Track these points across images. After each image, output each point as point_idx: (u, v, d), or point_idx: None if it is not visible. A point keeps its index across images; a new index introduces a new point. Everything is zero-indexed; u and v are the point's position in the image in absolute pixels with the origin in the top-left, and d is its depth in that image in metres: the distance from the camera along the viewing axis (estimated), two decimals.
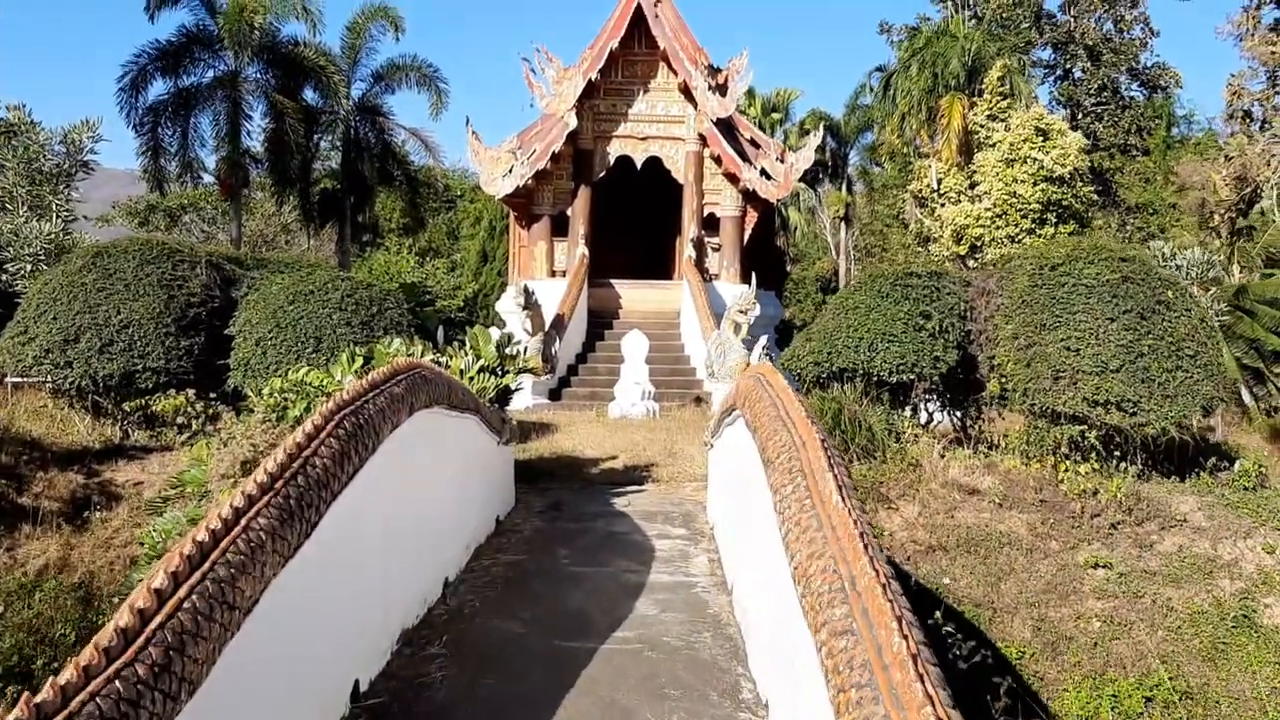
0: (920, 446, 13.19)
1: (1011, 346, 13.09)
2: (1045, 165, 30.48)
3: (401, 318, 14.38)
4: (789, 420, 5.33)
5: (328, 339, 13.62)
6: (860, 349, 13.39)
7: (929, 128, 34.17)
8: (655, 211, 28.53)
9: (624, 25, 25.02)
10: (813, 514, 4.22)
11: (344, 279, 14.66)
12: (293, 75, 30.32)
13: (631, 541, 9.87)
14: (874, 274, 14.58)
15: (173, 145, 28.73)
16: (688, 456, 14.46)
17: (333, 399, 5.61)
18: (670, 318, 25.17)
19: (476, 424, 9.18)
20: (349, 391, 5.83)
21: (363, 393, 5.95)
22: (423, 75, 32.65)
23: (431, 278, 43.61)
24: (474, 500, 9.29)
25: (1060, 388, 12.65)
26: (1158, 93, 43.49)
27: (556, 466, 13.85)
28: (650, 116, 26.02)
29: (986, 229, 31.25)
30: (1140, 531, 12.21)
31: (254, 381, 13.28)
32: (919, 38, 37.02)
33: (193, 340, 14.29)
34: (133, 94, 27.89)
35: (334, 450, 5.17)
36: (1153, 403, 12.50)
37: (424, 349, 11.01)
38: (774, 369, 6.59)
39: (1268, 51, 26.36)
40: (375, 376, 6.36)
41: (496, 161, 25.29)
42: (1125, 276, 12.94)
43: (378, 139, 33.33)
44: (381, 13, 31.78)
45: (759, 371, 6.90)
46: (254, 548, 4.13)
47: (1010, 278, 13.75)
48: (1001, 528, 12.16)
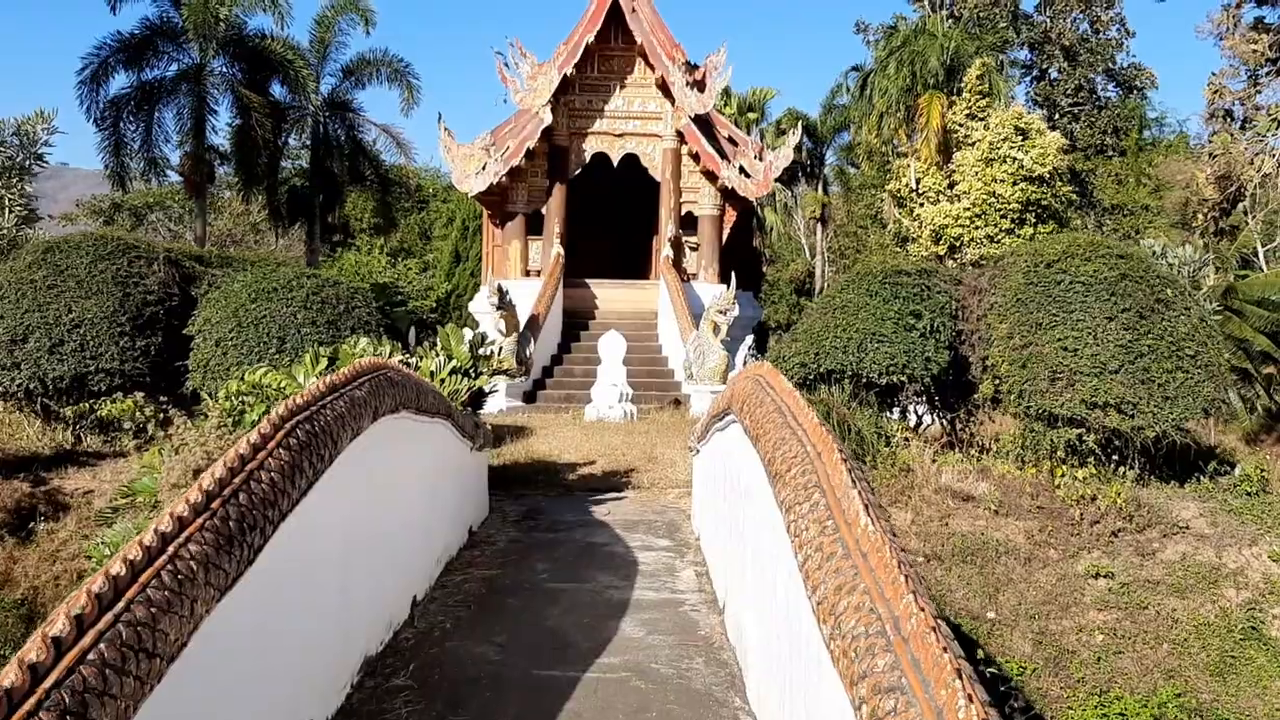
0: (911, 451, 12.66)
1: (1006, 346, 12.58)
2: (1025, 165, 30.09)
3: (370, 317, 13.73)
4: (799, 427, 4.76)
5: (292, 339, 12.96)
6: (849, 350, 12.85)
7: (907, 127, 33.76)
8: (632, 210, 27.94)
9: (600, 19, 24.42)
10: (836, 538, 3.64)
11: (309, 276, 14.00)
12: (260, 69, 29.49)
13: (613, 554, 9.29)
14: (862, 272, 14.05)
15: (135, 141, 27.90)
16: (668, 461, 13.88)
17: (285, 403, 5.00)
18: (648, 318, 24.60)
19: (447, 429, 8.57)
20: (304, 395, 5.21)
21: (320, 396, 5.34)
22: (394, 70, 31.93)
23: (403, 278, 42.87)
24: (445, 510, 8.68)
25: (1057, 389, 12.15)
26: (1134, 93, 43.31)
27: (532, 472, 13.25)
28: (627, 113, 25.44)
29: (965, 229, 30.83)
30: (1141, 539, 11.73)
31: (214, 383, 12.61)
32: (897, 36, 36.58)
33: (149, 340, 13.61)
34: (93, 87, 27.05)
35: (284, 462, 4.56)
36: (1153, 404, 12.02)
37: (393, 349, 10.38)
38: (775, 370, 6.02)
39: (1249, 50, 26.08)
40: (335, 378, 5.75)
41: (469, 158, 24.64)
42: (1123, 274, 12.46)
43: (348, 136, 32.56)
44: (351, 5, 31.01)
45: (758, 373, 6.33)
46: (183, 580, 3.51)
47: (1004, 275, 13.25)
48: (998, 536, 11.65)
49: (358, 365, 6.34)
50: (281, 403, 5.04)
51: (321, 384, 5.54)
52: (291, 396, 5.16)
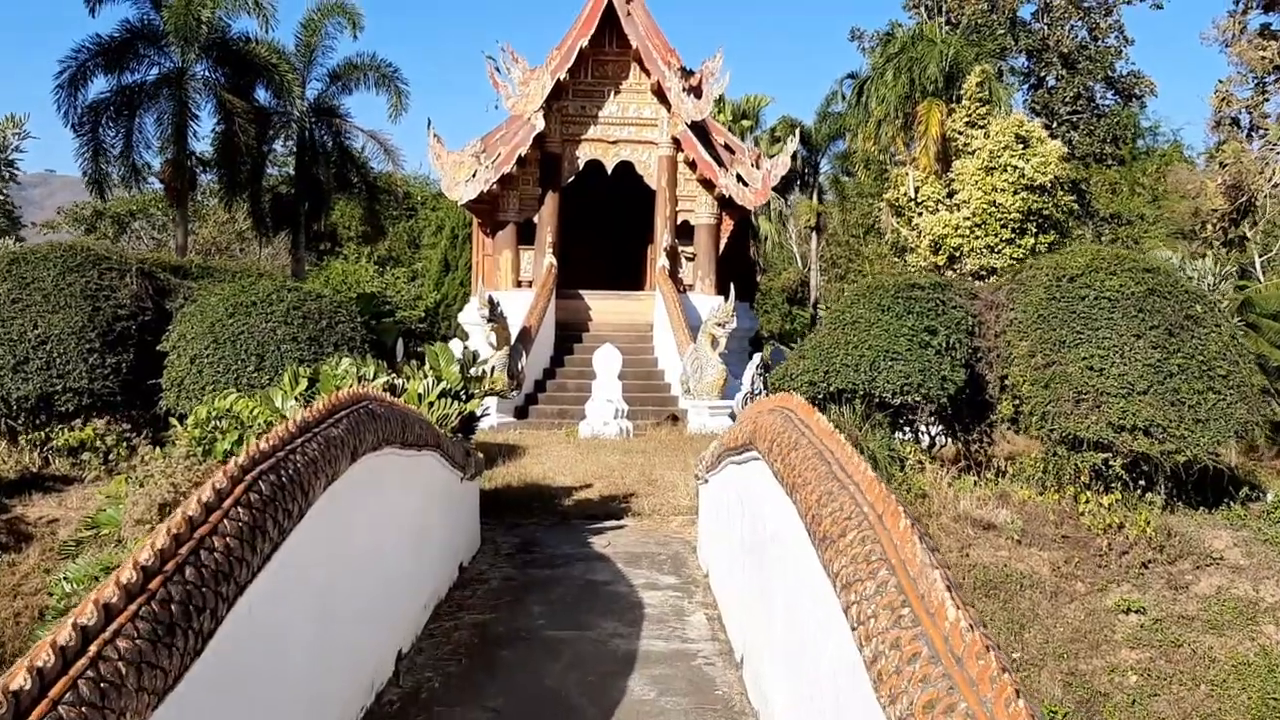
0: (927, 475, 11.98)
1: (1027, 365, 11.92)
2: (1026, 173, 29.49)
3: (354, 332, 13.00)
4: (849, 480, 4.06)
5: (271, 356, 12.23)
6: (861, 368, 12.16)
7: (905, 135, 33.17)
8: (626, 219, 27.22)
9: (594, 23, 23.73)
10: (918, 633, 2.95)
11: (290, 289, 13.27)
12: (244, 74, 28.68)
13: (615, 594, 8.58)
14: (873, 285, 13.37)
15: (116, 147, 27.05)
16: (669, 484, 13.17)
17: (246, 450, 4.29)
18: (643, 330, 23.89)
19: (436, 461, 7.86)
20: (270, 438, 4.50)
21: (288, 440, 4.63)
22: (382, 75, 31.14)
23: (391, 287, 42.06)
24: (433, 549, 7.96)
25: (1083, 411, 11.49)
26: (1133, 101, 42.78)
27: (526, 497, 12.52)
28: (621, 119, 24.74)
29: (965, 239, 30.21)
30: (1173, 571, 11.07)
31: (189, 403, 11.85)
32: (894, 43, 35.99)
33: (120, 357, 12.86)
34: (71, 92, 26.19)
35: (243, 524, 3.85)
36: (1184, 428, 11.37)
37: (377, 369, 9.65)
38: (808, 405, 5.32)
39: (1257, 56, 25.55)
40: (309, 416, 5.04)
41: (459, 165, 23.92)
42: (1151, 289, 11.82)
43: (334, 142, 31.77)
44: (338, 9, 30.24)
45: (785, 405, 5.63)
46: (107, 690, 2.80)
47: (1023, 290, 12.58)
48: (1021, 567, 10.98)
49: (336, 398, 5.64)
50: (243, 449, 4.33)
51: (292, 424, 4.83)
52: (254, 442, 4.46)
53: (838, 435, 4.63)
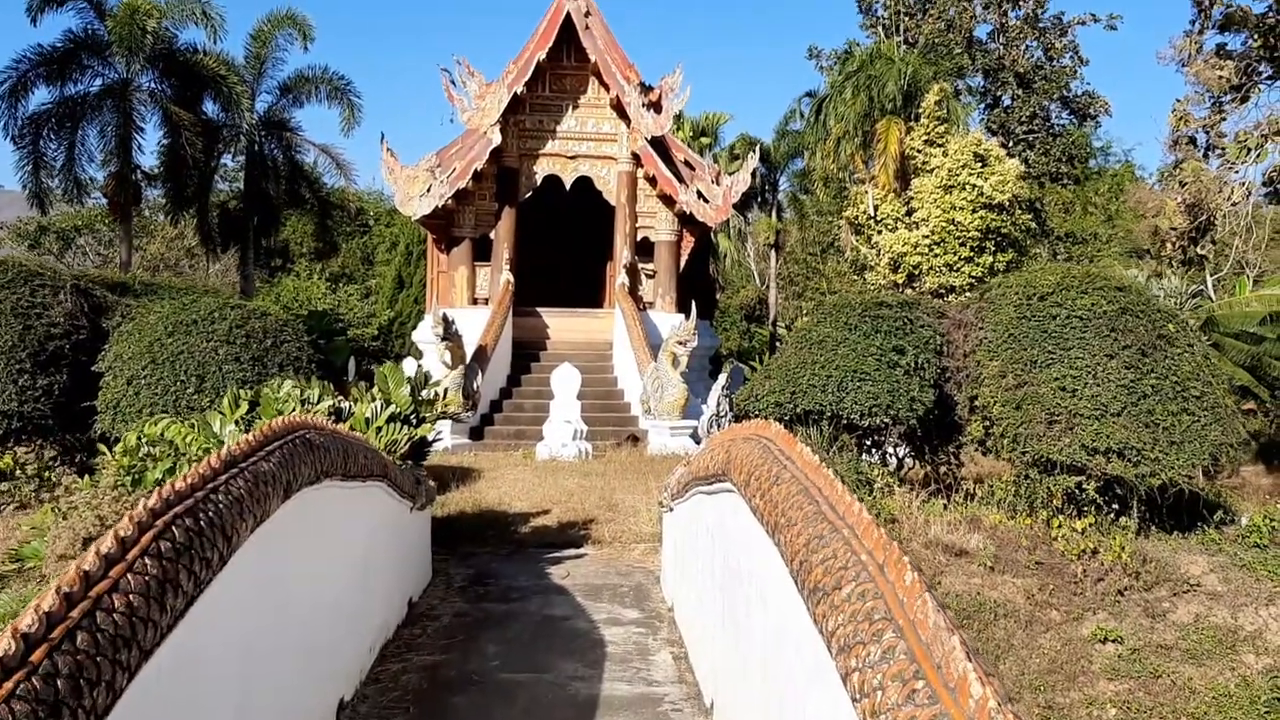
0: (897, 499, 11.60)
1: (998, 386, 11.58)
2: (984, 192, 29.40)
3: (301, 352, 12.43)
4: (842, 523, 3.63)
5: (212, 377, 11.64)
6: (828, 388, 11.77)
7: (864, 153, 33.04)
8: (585, 235, 26.79)
9: (552, 36, 23.33)
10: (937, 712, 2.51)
11: (234, 307, 12.67)
12: (191, 85, 27.92)
13: (574, 630, 8.09)
14: (840, 304, 13.00)
15: (57, 160, 26.19)
16: (630, 509, 12.71)
17: (159, 492, 3.78)
18: (602, 349, 23.43)
19: (383, 491, 7.34)
20: (189, 477, 4.00)
21: (209, 478, 4.13)
22: (334, 88, 30.49)
23: (344, 304, 41.33)
24: (380, 586, 7.43)
25: (1055, 433, 11.16)
26: (1088, 121, 43.05)
27: (480, 524, 12.00)
28: (580, 134, 24.32)
29: (924, 257, 30.06)
30: (1150, 598, 10.74)
31: (124, 426, 11.26)
32: (852, 61, 35.94)
33: (53, 379, 12.20)
34: (11, 103, 25.33)
35: (150, 579, 3.35)
36: (1158, 450, 11.07)
37: (322, 391, 9.13)
38: (789, 435, 4.89)
39: (1213, 76, 25.53)
40: (234, 450, 4.54)
41: (413, 180, 23.39)
42: (1123, 308, 11.53)
43: (285, 156, 31.06)
44: (289, 20, 29.56)
45: (762, 434, 5.20)
46: None
47: (993, 309, 12.27)
48: (995, 595, 10.60)
49: (269, 428, 5.13)
50: (155, 490, 3.82)
51: (215, 459, 4.33)
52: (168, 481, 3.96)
53: (824, 469, 4.20)
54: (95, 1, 26.22)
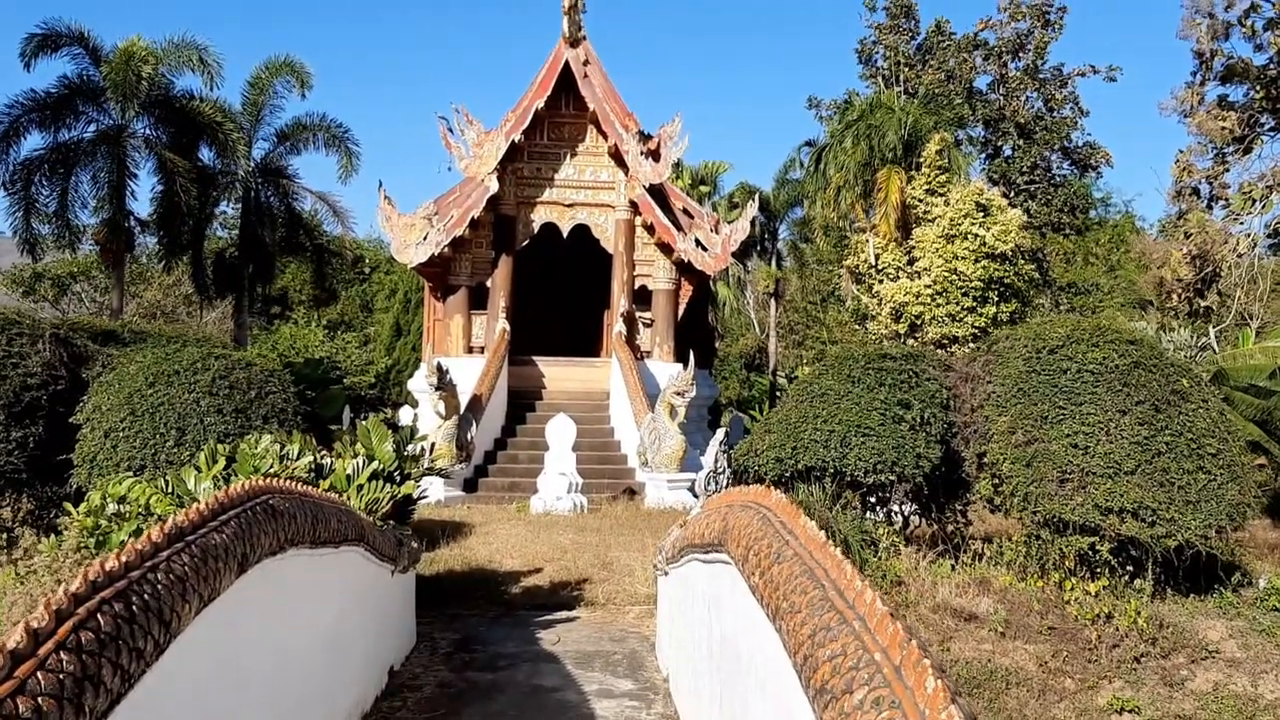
0: (903, 560, 11.15)
1: (1007, 442, 11.17)
2: (987, 241, 29.15)
3: (286, 404, 12.04)
4: (852, 613, 3.21)
5: (193, 430, 11.24)
6: (831, 444, 11.36)
7: (865, 202, 32.90)
8: (582, 284, 26.50)
9: (550, 84, 23.17)
10: None
11: (218, 357, 12.29)
12: (187, 132, 27.74)
13: (563, 703, 7.62)
14: (843, 355, 12.63)
15: (50, 206, 25.93)
16: (625, 569, 12.24)
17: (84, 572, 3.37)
18: (599, 399, 23.04)
19: (360, 556, 6.92)
20: (121, 555, 3.58)
21: (148, 554, 3.72)
22: (332, 136, 30.33)
23: (342, 352, 41.00)
24: (355, 657, 6.98)
25: (1067, 492, 10.74)
26: (1089, 171, 42.97)
27: (469, 583, 11.54)
28: (578, 182, 24.10)
29: (927, 307, 29.75)
30: (1167, 665, 10.26)
31: (101, 480, 10.80)
32: (852, 110, 35.90)
33: (28, 431, 11.79)
34: (3, 148, 25.11)
35: (66, 677, 2.93)
36: (1174, 510, 10.64)
37: (303, 446, 8.72)
38: (788, 503, 4.49)
39: (1216, 127, 25.38)
40: (181, 520, 4.13)
41: (410, 228, 23.12)
42: (1136, 362, 11.15)
43: (282, 203, 30.83)
44: (287, 67, 29.44)
45: (761, 501, 4.80)
46: None
47: (1000, 362, 11.88)
48: (1006, 662, 10.12)
49: (227, 493, 4.73)
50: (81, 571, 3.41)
51: (158, 531, 3.92)
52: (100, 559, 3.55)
53: (830, 548, 3.80)
54: (91, 47, 26.12)
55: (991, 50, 42.05)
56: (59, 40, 26.15)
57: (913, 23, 42.98)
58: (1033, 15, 41.22)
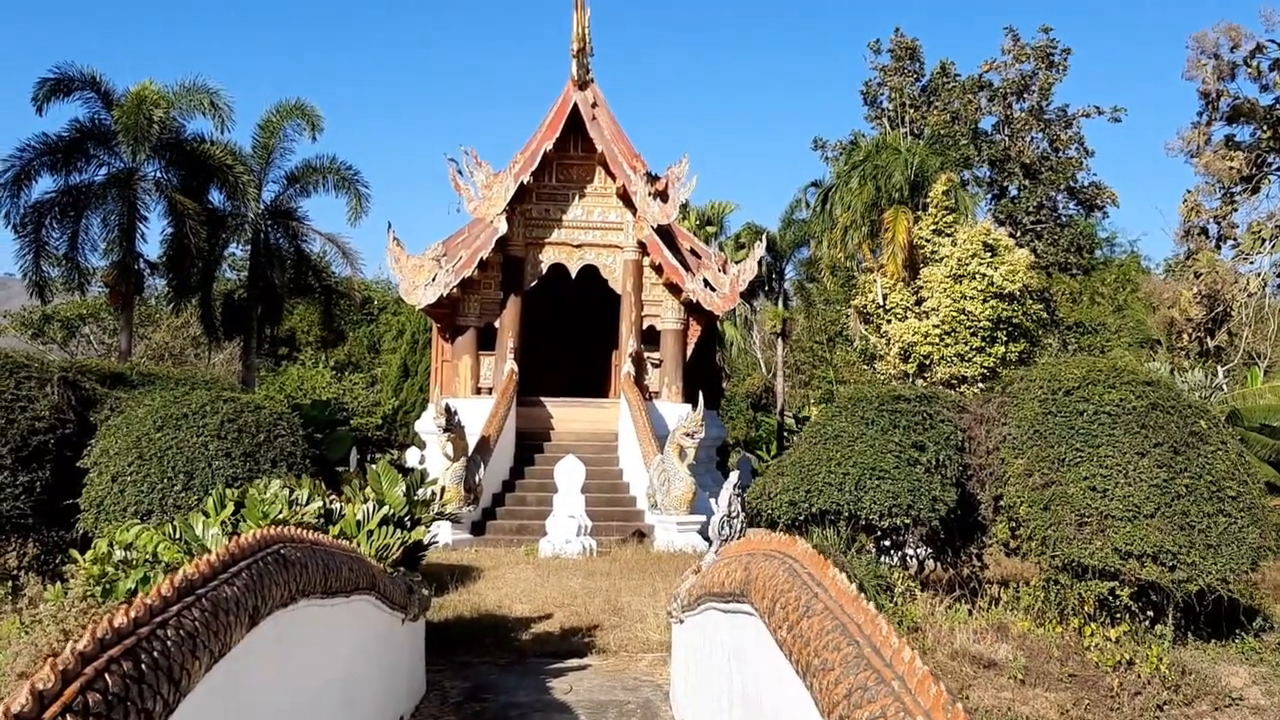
0: (919, 605, 10.98)
1: (1024, 485, 11.02)
2: (995, 281, 29.14)
3: (295, 447, 11.91)
4: (890, 672, 3.09)
5: (201, 474, 11.11)
6: (845, 487, 11.22)
7: (872, 241, 32.96)
8: (590, 324, 26.47)
9: (559, 127, 23.26)
10: None
11: (227, 399, 12.19)
12: (197, 175, 27.87)
13: None
14: (855, 396, 12.51)
15: (59, 248, 26.01)
16: (636, 614, 12.07)
17: (91, 632, 3.27)
18: (607, 440, 22.91)
19: (370, 605, 6.79)
20: (129, 612, 3.47)
21: (158, 609, 3.60)
22: (341, 178, 30.46)
23: (349, 394, 40.95)
24: (365, 709, 6.83)
25: (1086, 535, 10.58)
26: (1095, 211, 43.02)
27: (479, 630, 11.37)
28: (586, 223, 24.13)
29: (935, 347, 29.69)
30: (1190, 713, 10.04)
31: (108, 525, 10.69)
32: (859, 151, 36.06)
33: (34, 475, 11.66)
34: (14, 191, 25.24)
35: None
36: (1194, 554, 10.47)
37: (312, 491, 8.60)
38: (817, 555, 4.38)
39: (1224, 167, 25.41)
40: (192, 572, 4.02)
41: (419, 269, 23.13)
42: (1153, 403, 11.02)
43: (291, 245, 30.92)
44: (298, 110, 29.63)
45: (786, 551, 4.68)
46: None
47: (1015, 403, 11.76)
48: (1027, 710, 9.91)
49: (238, 544, 4.62)
50: (89, 629, 3.30)
51: (168, 584, 3.81)
52: (108, 615, 3.44)
53: (863, 602, 3.68)
54: (103, 91, 26.29)
55: (996, 91, 42.25)
56: (71, 84, 26.35)
57: (917, 64, 43.23)
58: (1037, 57, 41.43)
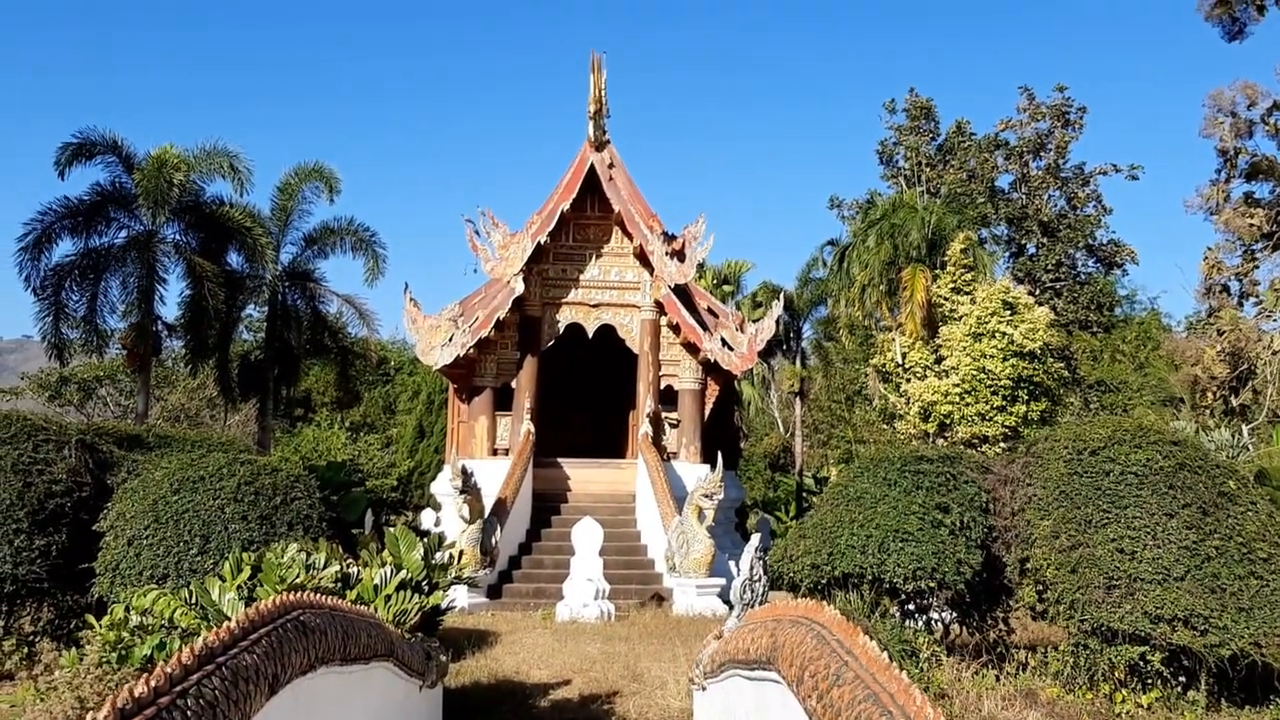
0: (945, 671, 10.77)
1: (1051, 547, 10.85)
2: (1015, 340, 28.98)
3: (311, 510, 11.83)
4: None
5: (217, 538, 11.04)
6: (868, 550, 11.06)
7: (890, 300, 32.89)
8: (607, 384, 26.42)
9: (576, 187, 23.39)
10: None
11: (244, 462, 12.14)
12: (216, 237, 28.09)
13: None
14: (878, 457, 12.39)
15: (78, 311, 26.15)
16: (656, 681, 11.84)
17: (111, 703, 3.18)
18: (624, 501, 22.73)
19: (389, 671, 6.67)
20: (149, 681, 3.38)
21: (178, 679, 3.51)
22: (359, 239, 30.66)
23: (364, 455, 40.89)
24: None
25: (1115, 599, 10.37)
26: (1114, 269, 42.94)
27: (496, 697, 11.16)
28: (603, 283, 24.17)
29: (956, 406, 29.48)
30: None
31: (124, 589, 10.61)
32: (876, 210, 36.17)
33: (51, 539, 11.60)
34: (35, 255, 25.46)
35: None
36: (1226, 617, 10.24)
37: (329, 555, 8.52)
38: (845, 620, 4.26)
39: (1244, 224, 25.36)
40: (213, 641, 3.94)
41: (435, 330, 23.16)
42: (1181, 463, 10.87)
43: (308, 306, 31.04)
44: (316, 173, 29.91)
45: (814, 617, 4.56)
46: None
47: (1041, 464, 11.62)
48: None
49: (258, 610, 4.54)
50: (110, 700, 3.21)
51: (189, 653, 3.73)
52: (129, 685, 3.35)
53: (896, 671, 3.57)
54: (124, 155, 26.60)
55: (1013, 150, 42.42)
56: (93, 149, 26.66)
57: (933, 124, 43.50)
58: (1053, 115, 41.65)
